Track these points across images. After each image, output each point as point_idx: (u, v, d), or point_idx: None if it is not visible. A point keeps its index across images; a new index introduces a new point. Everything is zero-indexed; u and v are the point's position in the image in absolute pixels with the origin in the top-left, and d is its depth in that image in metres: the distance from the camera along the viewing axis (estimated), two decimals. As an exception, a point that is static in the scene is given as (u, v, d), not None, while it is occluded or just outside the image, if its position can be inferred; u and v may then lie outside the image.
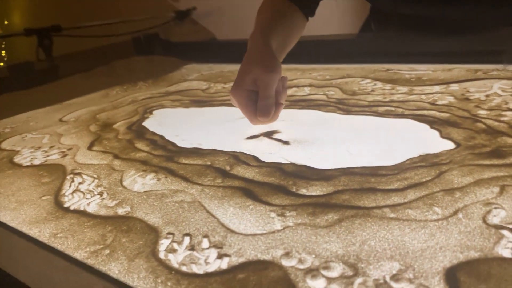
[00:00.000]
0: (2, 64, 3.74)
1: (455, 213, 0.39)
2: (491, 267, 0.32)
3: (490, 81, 0.71)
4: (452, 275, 0.32)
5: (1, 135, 0.86)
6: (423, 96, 0.69)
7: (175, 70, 1.23)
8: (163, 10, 1.99)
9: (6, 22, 3.72)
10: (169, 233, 0.43)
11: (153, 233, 0.43)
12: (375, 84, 0.79)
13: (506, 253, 0.33)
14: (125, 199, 0.50)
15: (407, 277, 0.32)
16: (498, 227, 0.36)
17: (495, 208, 0.39)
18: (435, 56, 0.88)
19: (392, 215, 0.40)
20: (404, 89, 0.74)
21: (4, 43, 3.64)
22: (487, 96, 0.65)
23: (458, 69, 0.80)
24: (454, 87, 0.71)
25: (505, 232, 0.35)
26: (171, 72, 1.21)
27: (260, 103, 0.59)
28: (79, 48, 1.55)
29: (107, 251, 0.41)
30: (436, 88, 0.72)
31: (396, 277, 0.32)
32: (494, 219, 0.37)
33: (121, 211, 0.48)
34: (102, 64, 1.33)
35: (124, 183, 0.54)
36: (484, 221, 0.37)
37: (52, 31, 1.61)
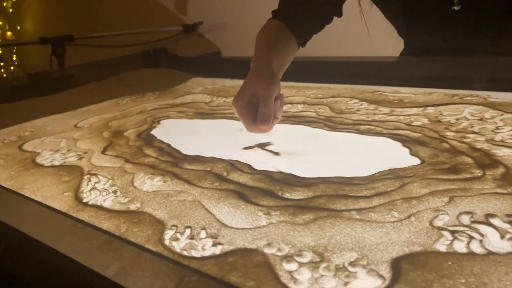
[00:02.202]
0: (12, 68, 3.85)
1: (409, 216, 0.47)
2: (428, 258, 0.41)
3: (463, 106, 0.80)
4: (396, 263, 0.40)
5: (22, 137, 0.95)
6: (401, 117, 0.78)
7: (181, 83, 1.33)
8: (172, 24, 2.09)
9: (18, 28, 3.84)
10: (173, 225, 0.51)
11: (160, 225, 0.52)
12: (361, 104, 0.88)
13: (442, 248, 0.42)
14: (136, 197, 0.59)
15: (361, 263, 0.41)
16: (440, 228, 0.45)
17: (442, 214, 0.47)
18: (425, 80, 0.97)
19: (357, 216, 0.48)
20: (386, 110, 0.83)
21: (15, 48, 3.75)
22: (457, 119, 0.74)
23: (438, 93, 0.89)
24: (430, 110, 0.80)
25: (445, 232, 0.44)
26: (177, 85, 1.31)
27: (261, 110, 0.67)
28: (92, 58, 1.65)
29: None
30: (414, 110, 0.81)
31: (353, 263, 0.41)
32: (438, 222, 0.46)
33: (132, 207, 0.57)
34: (113, 75, 1.43)
35: (135, 184, 0.63)
36: (431, 224, 0.46)
37: (65, 40, 1.71)
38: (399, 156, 0.63)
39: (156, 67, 1.52)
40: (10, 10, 3.89)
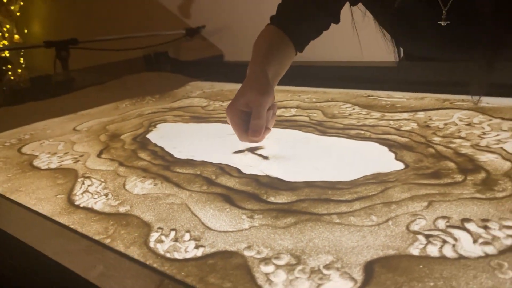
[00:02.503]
0: (20, 70, 3.90)
1: (387, 221, 0.48)
2: (401, 261, 0.42)
3: (453, 111, 0.81)
4: (370, 266, 0.42)
5: (21, 140, 0.97)
6: (391, 122, 0.79)
7: (180, 86, 1.35)
8: (175, 27, 2.11)
9: (26, 31, 3.89)
10: (159, 228, 0.53)
11: (147, 227, 0.53)
12: (353, 109, 0.90)
13: (415, 252, 0.43)
14: (126, 200, 0.61)
15: (335, 266, 0.42)
16: (416, 232, 0.46)
17: (419, 218, 0.48)
18: (419, 84, 0.98)
19: (337, 220, 0.50)
20: (377, 114, 0.84)
21: (23, 51, 3.80)
22: (445, 124, 0.75)
23: (429, 98, 0.90)
24: (420, 114, 0.81)
25: (420, 236, 0.45)
26: (176, 89, 1.33)
27: (252, 122, 0.69)
28: (95, 62, 1.68)
29: (108, 240, 0.51)
30: (405, 115, 0.82)
31: (327, 266, 0.42)
32: (415, 227, 0.47)
33: (122, 209, 0.58)
34: (115, 78, 1.46)
35: (127, 187, 0.64)
36: (407, 228, 0.47)
37: (69, 44, 1.74)
38: (384, 161, 0.64)
39: (157, 71, 1.55)
40: (18, 14, 3.94)
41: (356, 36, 0.94)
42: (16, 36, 3.94)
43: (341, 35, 1.20)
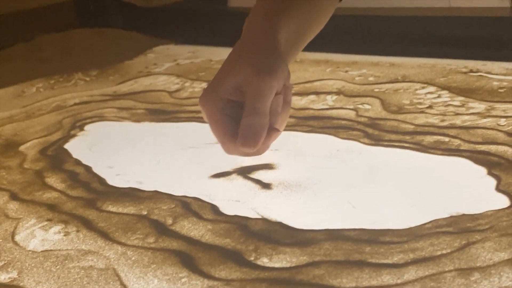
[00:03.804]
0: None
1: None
2: None
3: None
4: None
5: None
6: (502, 121, 0.53)
7: (137, 55, 0.91)
8: None
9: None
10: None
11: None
12: (438, 96, 0.61)
13: None
14: (13, 261, 0.36)
15: None
16: None
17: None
18: None
19: None
20: (480, 106, 0.57)
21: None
22: None
23: None
24: None
25: None
26: (130, 59, 0.90)
27: (244, 121, 0.41)
28: None
29: None
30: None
31: None
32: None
33: (3, 278, 0.35)
34: (21, 40, 0.95)
35: (17, 238, 0.40)
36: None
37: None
38: (476, 193, 0.41)
39: (98, 27, 1.03)
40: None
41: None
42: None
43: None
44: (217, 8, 1.03)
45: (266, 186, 0.45)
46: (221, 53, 0.83)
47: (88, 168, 0.53)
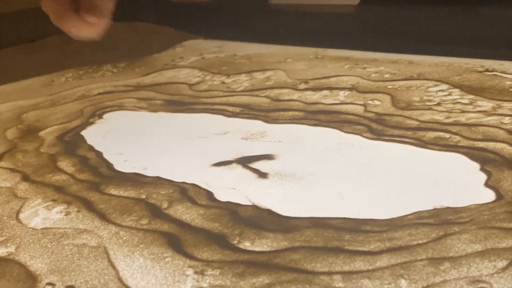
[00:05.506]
0: None
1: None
2: None
3: None
4: None
5: None
6: (506, 119, 0.51)
7: (166, 48, 0.90)
8: None
9: None
10: (49, 283, 0.30)
11: (30, 281, 0.31)
12: (449, 93, 0.59)
13: None
14: (13, 237, 0.38)
15: None
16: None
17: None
18: None
19: (340, 284, 0.27)
20: (488, 105, 0.55)
21: None
22: None
23: None
24: None
25: None
26: (158, 52, 0.88)
27: None
28: (26, 5, 0.97)
29: None
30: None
31: None
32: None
33: (1, 252, 0.36)
34: (53, 33, 0.90)
35: (21, 216, 0.41)
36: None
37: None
38: (464, 187, 0.40)
39: (131, 20, 1.01)
40: None
41: None
42: None
43: None
44: (257, 5, 0.99)
45: (262, 175, 0.46)
46: (246, 48, 0.86)
47: (99, 154, 0.54)
